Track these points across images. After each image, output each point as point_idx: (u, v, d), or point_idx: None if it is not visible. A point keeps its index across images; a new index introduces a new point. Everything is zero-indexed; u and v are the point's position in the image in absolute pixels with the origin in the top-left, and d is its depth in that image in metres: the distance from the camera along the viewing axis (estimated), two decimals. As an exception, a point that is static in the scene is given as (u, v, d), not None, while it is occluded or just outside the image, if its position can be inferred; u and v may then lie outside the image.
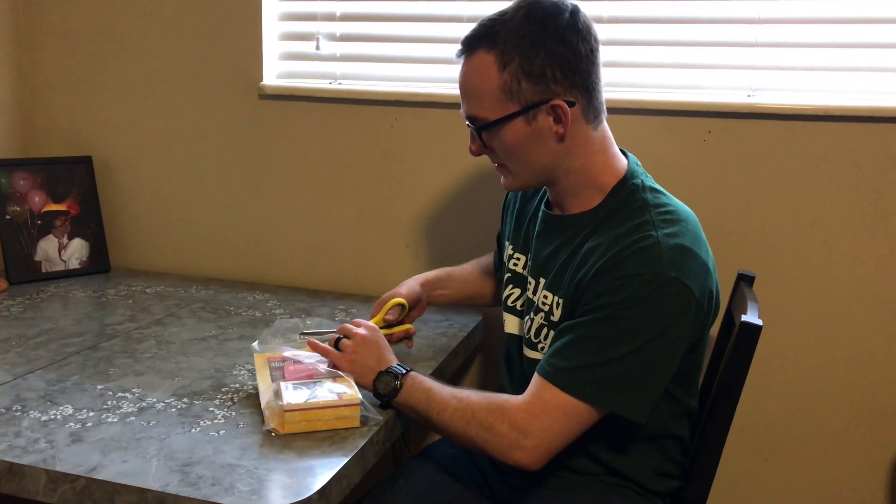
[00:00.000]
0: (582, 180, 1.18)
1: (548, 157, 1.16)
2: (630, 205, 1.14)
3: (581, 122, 1.14)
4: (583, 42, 1.11)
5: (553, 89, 1.10)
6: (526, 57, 1.09)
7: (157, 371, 1.32)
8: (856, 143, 1.51)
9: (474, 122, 1.17)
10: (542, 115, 1.12)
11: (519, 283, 1.31)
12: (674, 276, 1.05)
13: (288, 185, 1.88)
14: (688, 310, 1.07)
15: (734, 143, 1.57)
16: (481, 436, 1.09)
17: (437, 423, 1.13)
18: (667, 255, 1.06)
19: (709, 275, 1.11)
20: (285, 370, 1.21)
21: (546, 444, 1.07)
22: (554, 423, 1.06)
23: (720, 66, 1.60)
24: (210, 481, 0.97)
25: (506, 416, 1.08)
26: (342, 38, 1.82)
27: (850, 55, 1.54)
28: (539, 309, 1.21)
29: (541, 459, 1.07)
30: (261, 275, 1.92)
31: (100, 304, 1.70)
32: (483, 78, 1.12)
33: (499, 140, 1.15)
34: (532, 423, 1.07)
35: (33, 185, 1.88)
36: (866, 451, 1.59)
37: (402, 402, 1.15)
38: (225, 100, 1.87)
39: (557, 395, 1.07)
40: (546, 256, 1.22)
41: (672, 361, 1.09)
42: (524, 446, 1.06)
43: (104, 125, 1.98)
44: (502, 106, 1.12)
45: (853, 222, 1.54)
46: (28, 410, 1.15)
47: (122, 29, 1.92)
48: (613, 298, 1.06)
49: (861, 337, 1.56)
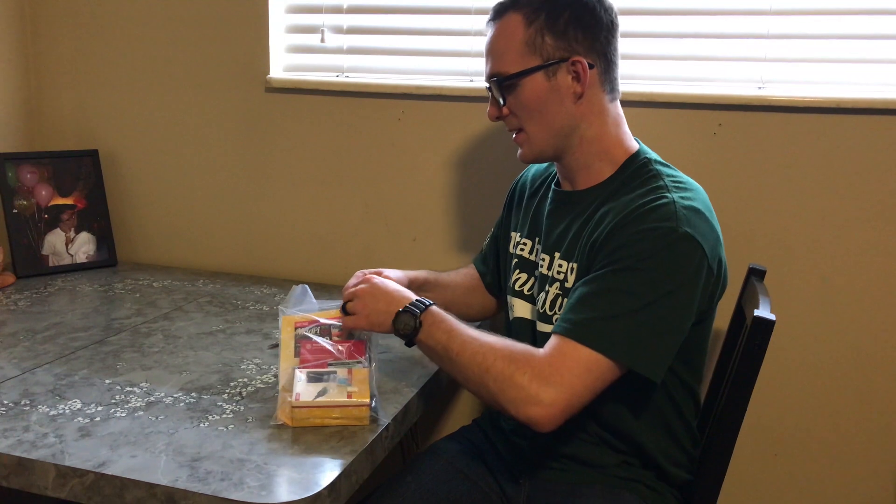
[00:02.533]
0: (595, 150, 1.21)
1: (565, 117, 1.18)
2: (643, 174, 1.18)
3: (598, 87, 1.19)
4: (605, 12, 1.18)
5: (574, 48, 1.16)
6: (551, 16, 1.15)
7: (164, 365, 1.32)
8: (868, 135, 1.50)
9: (496, 77, 1.20)
10: (562, 72, 1.16)
11: (526, 268, 1.31)
12: (689, 233, 1.07)
13: (295, 178, 1.87)
14: (701, 270, 1.09)
15: (745, 135, 1.56)
16: (498, 385, 1.06)
17: (456, 363, 1.10)
18: (682, 213, 1.09)
19: (719, 243, 1.14)
20: (303, 349, 1.20)
21: (564, 401, 1.03)
22: (575, 379, 1.04)
23: (731, 59, 1.58)
24: (219, 476, 0.97)
25: (527, 368, 1.05)
26: (349, 30, 1.81)
27: (861, 47, 1.52)
28: (554, 279, 1.22)
29: (555, 418, 1.04)
30: (268, 268, 1.92)
31: (107, 298, 1.70)
32: (509, 35, 1.17)
33: (517, 97, 1.18)
34: (553, 376, 1.04)
35: (40, 179, 1.87)
36: (877, 448, 1.58)
37: (423, 339, 1.14)
38: (231, 93, 1.86)
39: (577, 348, 1.05)
40: (560, 232, 1.23)
41: (685, 321, 1.09)
42: (542, 401, 1.03)
43: (110, 119, 1.98)
44: (525, 59, 1.16)
45: (865, 216, 1.52)
46: (36, 405, 1.15)
47: (129, 22, 1.91)
48: (629, 252, 1.08)
49: (873, 332, 1.55)
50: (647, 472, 1.21)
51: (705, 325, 1.19)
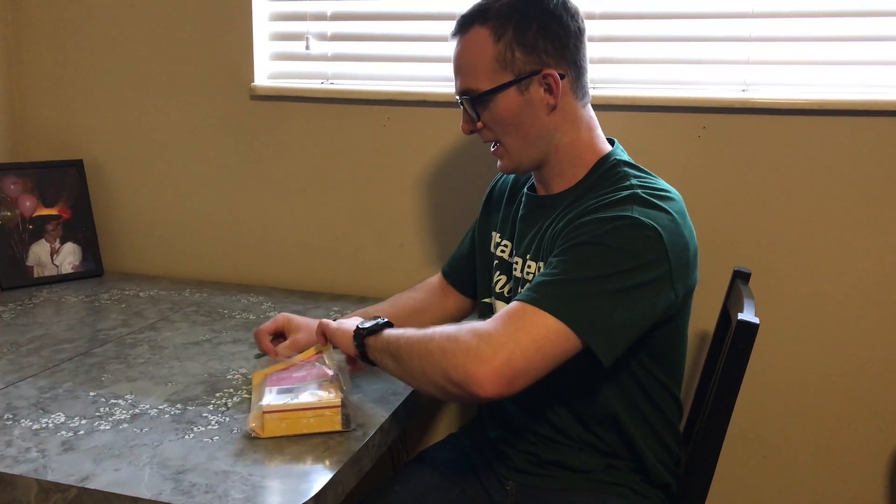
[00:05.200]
0: (569, 157, 1.20)
1: (539, 129, 1.18)
2: (612, 176, 1.17)
3: (570, 96, 1.18)
4: (572, 19, 1.17)
5: (545, 60, 1.15)
6: (519, 29, 1.14)
7: (150, 377, 1.31)
8: (851, 137, 1.50)
9: (468, 95, 1.19)
10: (534, 85, 1.15)
11: (505, 270, 1.31)
12: (648, 222, 1.05)
13: (281, 186, 1.86)
14: (660, 260, 1.06)
15: (729, 138, 1.56)
16: (443, 345, 1.01)
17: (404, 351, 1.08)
18: (641, 206, 1.07)
19: (684, 241, 1.10)
20: (270, 379, 1.20)
21: (506, 354, 0.97)
22: (519, 332, 0.99)
23: (714, 62, 1.59)
24: (203, 489, 0.96)
25: (471, 329, 1.02)
26: (333, 37, 1.81)
27: (844, 49, 1.53)
28: (525, 282, 1.21)
29: (497, 376, 0.97)
30: (255, 277, 1.91)
31: (92, 308, 1.69)
32: (478, 50, 1.16)
33: (491, 112, 1.18)
34: (496, 330, 1.00)
35: (24, 190, 1.86)
36: (864, 448, 1.59)
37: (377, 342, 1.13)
38: (216, 101, 1.86)
39: (522, 307, 1.02)
40: (531, 236, 1.23)
41: (642, 306, 1.05)
42: (482, 355, 0.97)
43: (95, 128, 1.97)
44: (496, 76, 1.15)
45: (849, 217, 1.53)
46: (19, 419, 1.14)
47: (112, 31, 1.90)
48: (585, 230, 1.07)
49: (858, 333, 1.56)
50: (633, 475, 1.20)
51: (677, 324, 1.17)
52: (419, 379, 1.07)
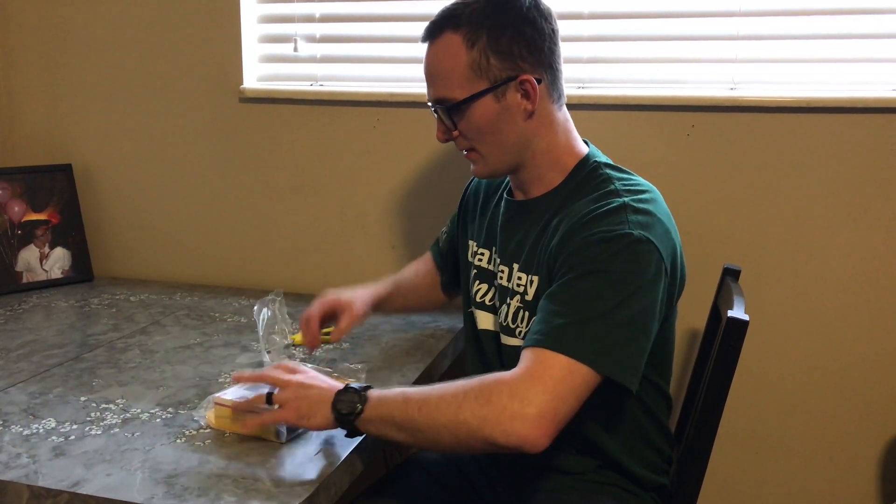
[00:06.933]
0: (547, 162, 1.19)
1: (517, 135, 1.16)
2: (593, 179, 1.16)
3: (547, 100, 1.16)
4: (546, 22, 1.14)
5: (521, 66, 1.12)
6: (493, 35, 1.11)
7: (141, 381, 1.31)
8: (839, 134, 1.51)
9: (443, 104, 1.16)
10: (510, 91, 1.13)
11: (486, 279, 1.29)
12: (644, 236, 1.05)
13: (271, 188, 1.86)
14: (660, 273, 1.06)
15: (718, 136, 1.57)
16: (478, 413, 0.96)
17: (421, 422, 0.99)
18: (634, 217, 1.07)
19: (675, 243, 1.12)
20: None
21: (551, 410, 0.96)
22: (557, 384, 0.98)
23: (702, 60, 1.59)
24: (196, 493, 0.96)
25: (503, 388, 0.97)
26: (322, 39, 1.81)
27: (831, 47, 1.54)
28: (514, 292, 1.19)
29: (546, 431, 0.96)
30: (246, 280, 1.91)
31: (83, 313, 1.68)
32: (451, 57, 1.13)
33: (467, 121, 1.15)
34: (533, 386, 0.97)
35: (12, 195, 1.85)
36: (855, 443, 1.60)
37: (373, 414, 1.02)
38: (205, 104, 1.85)
39: (552, 356, 1.00)
40: (516, 243, 1.21)
41: (651, 323, 1.06)
42: (528, 415, 0.95)
43: (83, 132, 1.96)
44: (471, 84, 1.12)
45: (837, 214, 1.54)
46: (10, 425, 1.13)
47: (100, 35, 1.90)
48: (585, 256, 1.06)
49: (847, 329, 1.57)
50: (623, 476, 1.20)
51: (668, 325, 1.17)
52: (449, 448, 1.04)
